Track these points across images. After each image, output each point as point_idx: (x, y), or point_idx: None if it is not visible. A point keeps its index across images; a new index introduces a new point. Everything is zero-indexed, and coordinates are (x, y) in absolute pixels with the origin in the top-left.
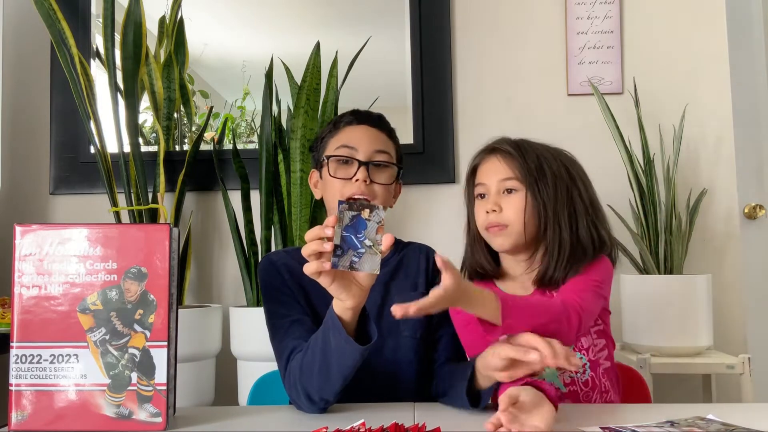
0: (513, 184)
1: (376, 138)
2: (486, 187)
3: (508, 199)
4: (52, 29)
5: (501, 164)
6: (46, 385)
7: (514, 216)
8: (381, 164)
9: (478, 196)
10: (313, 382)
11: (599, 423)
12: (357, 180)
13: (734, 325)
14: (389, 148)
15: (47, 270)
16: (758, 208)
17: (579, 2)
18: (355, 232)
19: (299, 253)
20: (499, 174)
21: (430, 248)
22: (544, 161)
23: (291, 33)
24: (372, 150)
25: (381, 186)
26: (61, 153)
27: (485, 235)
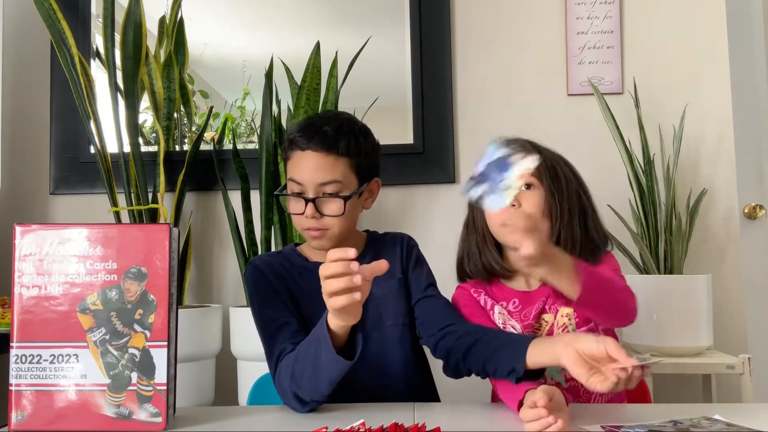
0: (530, 180)
1: (321, 167)
2: None
3: (526, 195)
4: (52, 29)
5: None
6: (46, 385)
7: (534, 211)
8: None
9: None
10: (303, 388)
11: (603, 422)
12: (307, 217)
13: (734, 325)
14: (339, 171)
15: (47, 270)
16: (758, 208)
17: (579, 2)
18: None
19: (283, 255)
20: None
21: (405, 235)
22: (555, 162)
23: (291, 33)
24: (317, 183)
25: (333, 217)
26: (61, 153)
27: (501, 232)
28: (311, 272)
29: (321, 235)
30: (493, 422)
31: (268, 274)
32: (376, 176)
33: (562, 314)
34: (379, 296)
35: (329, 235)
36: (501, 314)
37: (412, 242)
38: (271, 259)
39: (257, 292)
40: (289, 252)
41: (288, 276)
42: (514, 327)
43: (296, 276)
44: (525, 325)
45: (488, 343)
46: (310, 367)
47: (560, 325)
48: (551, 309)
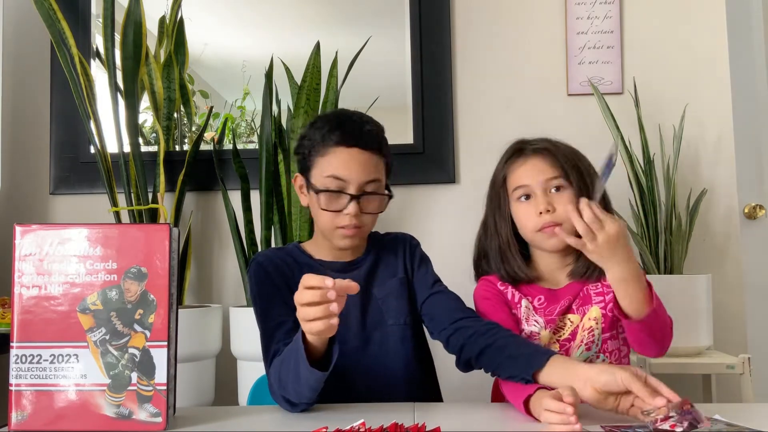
0: (559, 182)
1: (366, 165)
2: (529, 188)
3: (558, 198)
4: (52, 29)
5: (543, 164)
6: (46, 385)
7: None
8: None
9: (521, 198)
10: (290, 392)
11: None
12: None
13: (734, 325)
14: (380, 171)
15: (47, 270)
16: (758, 208)
17: (579, 2)
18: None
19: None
20: (545, 173)
21: (406, 235)
22: (576, 157)
23: (291, 33)
24: (363, 181)
25: (371, 215)
26: (61, 153)
27: (535, 237)
28: (314, 269)
29: (356, 233)
30: (493, 422)
31: (270, 271)
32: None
33: (590, 317)
34: (381, 296)
35: (362, 232)
36: (527, 308)
37: (415, 241)
38: (273, 255)
39: (259, 289)
40: (293, 248)
41: (290, 273)
42: (537, 321)
43: (298, 272)
44: (548, 320)
45: (503, 348)
46: (292, 375)
47: (586, 328)
48: (578, 310)
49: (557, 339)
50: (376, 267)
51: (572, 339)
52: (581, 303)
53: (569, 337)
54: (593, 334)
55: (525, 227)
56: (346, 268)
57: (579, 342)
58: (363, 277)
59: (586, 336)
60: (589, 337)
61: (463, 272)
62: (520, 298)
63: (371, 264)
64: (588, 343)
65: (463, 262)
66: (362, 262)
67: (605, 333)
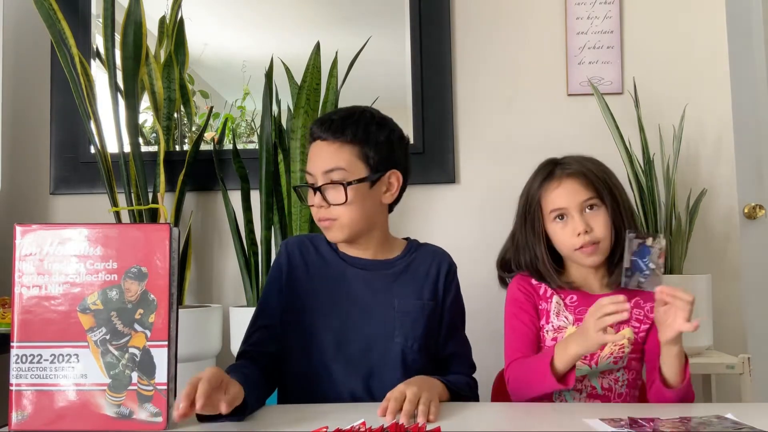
0: (594, 201)
1: (326, 155)
2: (565, 210)
3: (594, 218)
4: (52, 29)
5: (578, 185)
6: (46, 385)
7: (604, 233)
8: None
9: (556, 219)
10: None
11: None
12: (314, 206)
13: (734, 325)
14: (343, 159)
15: (47, 270)
16: (758, 208)
17: (579, 2)
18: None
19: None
20: (579, 196)
21: (446, 255)
22: (606, 175)
23: (291, 33)
24: (322, 171)
25: (340, 205)
26: (61, 153)
27: (574, 254)
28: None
29: (330, 225)
30: (493, 422)
31: (282, 263)
32: (395, 168)
33: (622, 335)
34: (400, 311)
35: (339, 224)
36: (558, 304)
37: (454, 267)
38: (301, 243)
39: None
40: (321, 238)
41: (305, 265)
42: (566, 317)
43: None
44: (577, 319)
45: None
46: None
47: (618, 343)
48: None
49: None
50: (402, 275)
51: (601, 348)
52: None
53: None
54: (623, 351)
55: (563, 246)
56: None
57: (608, 353)
58: (385, 281)
59: (616, 350)
60: (619, 352)
61: (463, 272)
62: (552, 294)
63: (399, 271)
64: (616, 357)
65: (462, 262)
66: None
67: (632, 354)
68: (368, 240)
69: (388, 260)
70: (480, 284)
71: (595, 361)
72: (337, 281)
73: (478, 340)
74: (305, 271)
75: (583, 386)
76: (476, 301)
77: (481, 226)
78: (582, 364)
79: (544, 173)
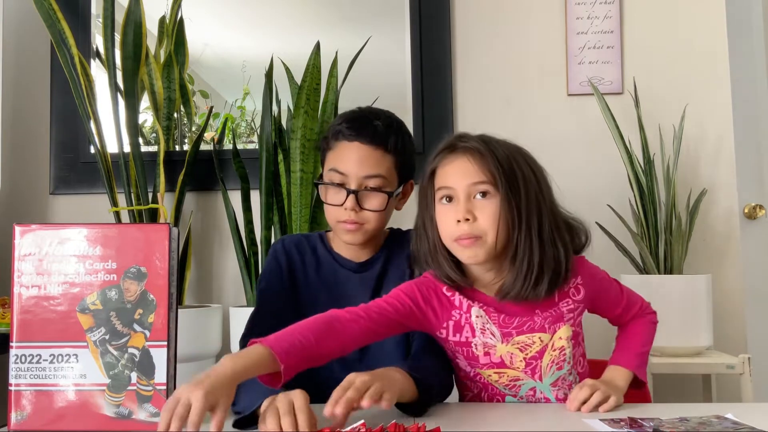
0: (486, 187)
1: (367, 160)
2: (453, 191)
3: (481, 206)
4: (52, 29)
5: (471, 165)
6: (45, 385)
7: (489, 225)
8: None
9: (442, 200)
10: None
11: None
12: (347, 208)
13: (734, 325)
14: (384, 167)
15: (47, 270)
16: (758, 208)
17: (579, 2)
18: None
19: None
20: (470, 177)
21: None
22: (513, 161)
23: (291, 33)
24: (362, 176)
25: (372, 212)
26: (61, 153)
27: (452, 246)
28: (329, 263)
29: (357, 228)
30: (493, 422)
31: (281, 260)
32: (412, 178)
33: (561, 336)
34: None
35: (364, 229)
36: (479, 317)
37: None
38: (297, 242)
39: (268, 273)
40: (317, 238)
41: (302, 264)
42: (493, 333)
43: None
44: (504, 333)
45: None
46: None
47: (556, 347)
48: (549, 328)
49: (524, 357)
50: (386, 267)
51: (539, 357)
52: (552, 320)
53: (536, 355)
54: (564, 353)
55: (443, 233)
56: (358, 269)
57: (549, 362)
58: (374, 278)
59: (557, 355)
60: (560, 356)
61: None
62: (469, 306)
63: (383, 264)
64: (559, 362)
65: None
66: (375, 262)
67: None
68: (371, 241)
69: (374, 256)
70: None
71: (539, 375)
72: (331, 282)
73: None
74: (302, 269)
75: (536, 399)
76: None
77: None
78: (526, 378)
79: (445, 144)
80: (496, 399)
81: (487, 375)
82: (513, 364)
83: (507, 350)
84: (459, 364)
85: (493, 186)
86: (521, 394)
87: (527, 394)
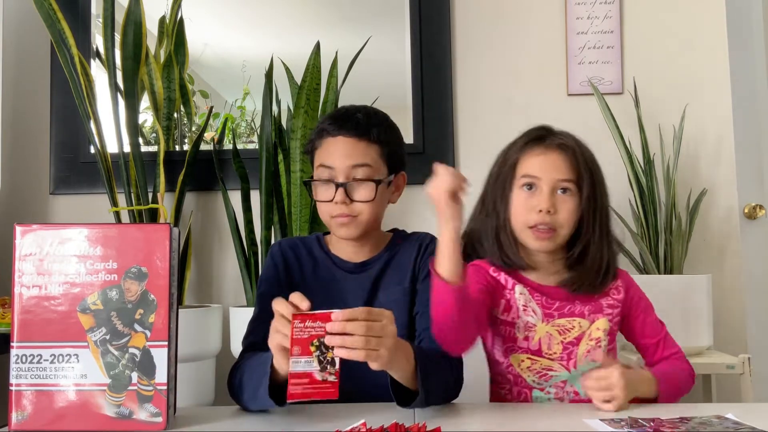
0: (570, 185)
1: (353, 151)
2: (538, 180)
3: (562, 201)
4: (52, 29)
5: (562, 162)
6: (46, 385)
7: (566, 221)
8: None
9: (524, 187)
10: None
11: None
12: (337, 202)
13: (734, 325)
14: (370, 156)
15: (47, 270)
16: (758, 208)
17: (579, 2)
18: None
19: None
20: (559, 172)
21: (427, 236)
22: (593, 164)
23: (291, 33)
24: (348, 167)
25: (364, 202)
26: (61, 153)
27: (523, 231)
28: (326, 265)
29: (350, 221)
30: (493, 422)
31: (278, 263)
32: (403, 170)
33: (598, 327)
34: (385, 302)
35: (358, 222)
36: (522, 294)
37: (432, 246)
38: (294, 245)
39: (266, 276)
40: (313, 240)
41: (299, 266)
42: (535, 311)
43: (309, 267)
44: (546, 313)
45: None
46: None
47: (593, 337)
48: (589, 317)
49: (562, 340)
50: (386, 269)
51: (576, 344)
52: (592, 310)
53: (573, 340)
54: (600, 345)
55: (518, 219)
56: (357, 269)
57: (585, 351)
58: (371, 279)
59: (593, 345)
60: (596, 347)
61: None
62: (514, 284)
63: (382, 265)
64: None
65: None
66: (374, 263)
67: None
68: (368, 238)
69: (374, 257)
70: None
71: (573, 363)
72: (328, 283)
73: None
74: (299, 271)
75: (564, 393)
76: None
77: None
78: (560, 368)
79: (533, 135)
80: (524, 395)
81: (519, 361)
82: (550, 349)
83: (546, 330)
84: (495, 354)
85: (576, 185)
86: (549, 388)
87: (556, 385)
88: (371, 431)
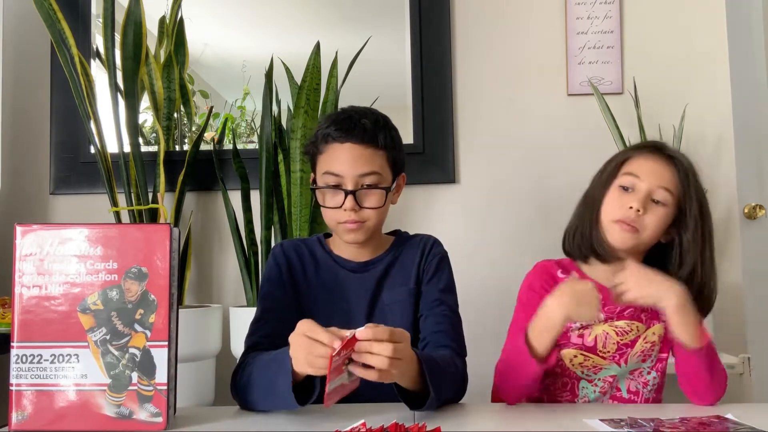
0: (664, 196)
1: (361, 158)
2: (638, 182)
3: (654, 208)
4: (52, 29)
5: (666, 171)
6: (46, 385)
7: (651, 226)
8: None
9: (622, 187)
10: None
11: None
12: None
13: (734, 325)
14: (377, 164)
15: (48, 270)
16: (758, 208)
17: (579, 2)
18: None
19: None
20: (661, 180)
21: (430, 238)
22: (693, 183)
23: (291, 33)
24: (357, 175)
25: (372, 209)
26: (61, 153)
27: (609, 224)
28: (328, 265)
29: (358, 227)
30: (493, 422)
31: (281, 263)
32: (403, 171)
33: (654, 332)
34: (389, 302)
35: (366, 227)
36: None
37: (436, 249)
38: (295, 246)
39: (269, 276)
40: (315, 242)
41: (301, 269)
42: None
43: (312, 268)
44: (607, 317)
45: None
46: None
47: (649, 340)
48: (647, 321)
49: (618, 341)
50: (390, 270)
51: (631, 346)
52: (649, 317)
53: (629, 342)
54: (653, 349)
55: (608, 209)
56: (360, 268)
57: (638, 351)
58: (375, 279)
59: (647, 348)
60: (650, 350)
61: (463, 272)
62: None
63: (386, 266)
64: (645, 355)
65: (462, 262)
66: (378, 263)
67: (662, 353)
68: (371, 240)
69: (377, 258)
70: (480, 284)
71: (625, 359)
72: (331, 284)
73: (478, 342)
74: (302, 271)
75: (609, 387)
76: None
77: (481, 226)
78: (611, 363)
79: (649, 144)
80: (570, 385)
81: (571, 357)
82: (605, 348)
83: (603, 329)
84: None
85: (673, 197)
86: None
87: (604, 380)
88: (371, 431)
